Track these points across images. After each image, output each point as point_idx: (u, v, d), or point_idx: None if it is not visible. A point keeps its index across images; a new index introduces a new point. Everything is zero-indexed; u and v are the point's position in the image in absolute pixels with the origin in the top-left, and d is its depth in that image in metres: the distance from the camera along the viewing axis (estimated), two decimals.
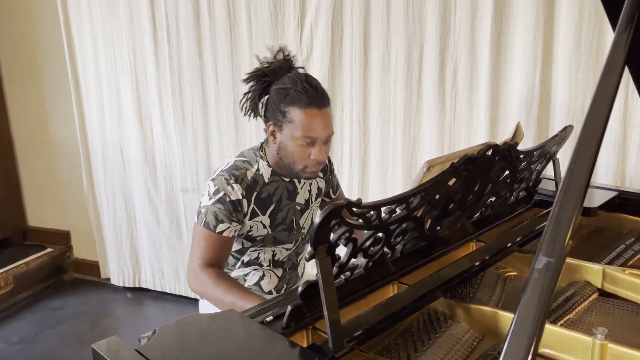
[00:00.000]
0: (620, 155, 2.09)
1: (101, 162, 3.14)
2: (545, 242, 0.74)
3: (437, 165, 1.32)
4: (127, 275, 3.25)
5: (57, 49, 3.13)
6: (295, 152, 1.47)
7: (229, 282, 1.49)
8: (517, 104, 2.21)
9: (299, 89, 1.42)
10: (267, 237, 1.59)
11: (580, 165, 0.79)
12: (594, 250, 1.48)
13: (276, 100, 1.46)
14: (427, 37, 2.29)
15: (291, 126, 1.44)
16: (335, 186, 1.81)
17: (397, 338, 1.08)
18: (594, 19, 2.02)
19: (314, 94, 1.43)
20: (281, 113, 1.44)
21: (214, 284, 1.46)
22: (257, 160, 1.56)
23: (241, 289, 1.47)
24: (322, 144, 1.47)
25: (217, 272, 1.49)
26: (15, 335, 2.85)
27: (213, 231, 1.49)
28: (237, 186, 1.48)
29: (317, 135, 1.44)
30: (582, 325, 1.12)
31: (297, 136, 1.44)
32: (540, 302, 0.68)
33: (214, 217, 1.48)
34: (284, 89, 1.45)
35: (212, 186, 1.50)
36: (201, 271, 1.50)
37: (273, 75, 1.50)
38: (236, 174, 1.50)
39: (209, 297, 1.50)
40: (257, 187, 1.53)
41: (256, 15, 2.56)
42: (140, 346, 0.94)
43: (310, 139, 1.44)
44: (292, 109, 1.43)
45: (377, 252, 1.13)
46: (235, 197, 1.48)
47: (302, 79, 1.45)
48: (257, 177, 1.53)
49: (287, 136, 1.46)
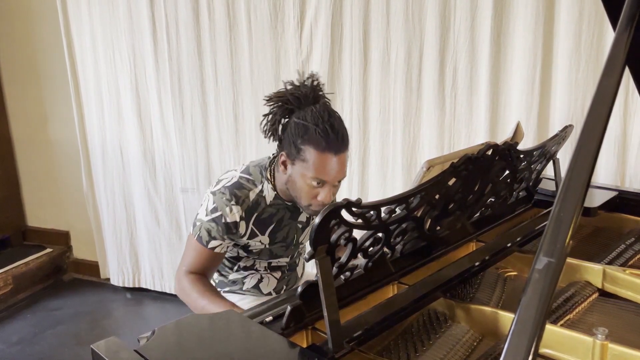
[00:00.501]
0: (620, 155, 2.09)
1: (101, 162, 3.14)
2: (546, 242, 0.73)
3: (437, 165, 1.32)
4: (126, 275, 3.25)
5: (56, 49, 3.13)
6: (303, 190, 1.42)
7: (204, 286, 1.48)
8: (517, 104, 2.21)
9: (319, 129, 1.34)
10: (263, 250, 1.58)
11: (580, 165, 0.79)
12: (594, 250, 1.48)
13: (294, 134, 1.38)
14: (427, 37, 2.29)
15: (304, 165, 1.38)
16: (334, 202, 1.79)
17: (397, 338, 1.08)
18: (594, 18, 2.02)
19: (333, 138, 1.35)
20: (296, 149, 1.38)
21: (190, 288, 1.46)
22: (262, 182, 1.51)
23: (214, 295, 1.46)
24: (332, 187, 1.42)
25: (196, 277, 1.49)
26: (15, 335, 2.85)
27: (205, 246, 1.48)
28: (237, 208, 1.45)
29: (328, 180, 1.39)
30: (582, 326, 1.12)
31: (308, 176, 1.38)
32: (541, 303, 0.68)
33: (207, 233, 1.48)
34: (304, 125, 1.37)
35: (212, 202, 1.47)
36: (184, 276, 1.50)
37: (297, 102, 1.42)
38: (238, 194, 1.47)
39: (187, 302, 1.49)
40: (258, 208, 1.50)
41: (256, 15, 2.55)
42: (139, 347, 0.94)
43: (320, 181, 1.39)
44: (308, 149, 1.36)
45: (376, 252, 1.13)
46: (232, 219, 1.46)
47: (324, 119, 1.36)
48: (259, 198, 1.50)
49: (298, 173, 1.40)
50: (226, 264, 1.65)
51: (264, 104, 1.47)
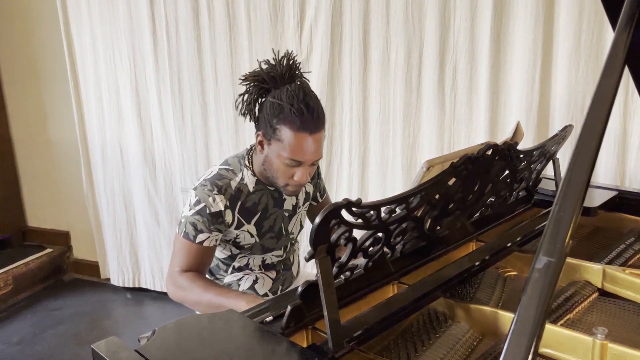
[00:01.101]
0: (620, 154, 2.09)
1: (101, 162, 3.14)
2: (546, 242, 0.73)
3: (437, 165, 1.32)
4: (126, 275, 3.25)
5: (56, 49, 3.13)
6: (280, 170, 1.43)
7: (206, 281, 1.47)
8: (517, 104, 2.21)
9: (294, 109, 1.35)
10: (255, 245, 1.57)
11: (580, 164, 0.79)
12: (594, 249, 1.48)
13: (269, 114, 1.39)
14: (427, 37, 2.29)
15: (279, 145, 1.39)
16: (322, 190, 1.78)
17: (397, 338, 1.08)
18: (593, 18, 2.02)
19: (308, 117, 1.36)
20: (272, 128, 1.39)
21: (190, 286, 1.44)
22: (242, 169, 1.53)
23: (218, 286, 1.46)
24: (308, 167, 1.43)
25: (193, 274, 1.48)
26: (15, 335, 2.85)
27: (193, 241, 1.47)
28: (220, 197, 1.46)
29: (304, 160, 1.40)
30: (582, 325, 1.12)
31: (284, 156, 1.39)
32: (541, 302, 0.68)
33: (192, 227, 1.46)
34: (279, 105, 1.37)
35: (194, 196, 1.47)
36: (179, 275, 1.48)
37: (272, 82, 1.43)
38: (219, 184, 1.47)
39: (188, 300, 1.48)
40: (241, 196, 1.50)
41: (255, 15, 2.55)
42: (139, 346, 0.94)
43: (296, 162, 1.40)
44: (283, 128, 1.37)
45: (376, 252, 1.13)
46: (216, 208, 1.45)
47: (299, 98, 1.37)
48: (241, 186, 1.51)
49: (274, 152, 1.41)
50: (220, 267, 1.64)
51: (239, 83, 1.48)
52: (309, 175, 1.45)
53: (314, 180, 1.72)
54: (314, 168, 1.48)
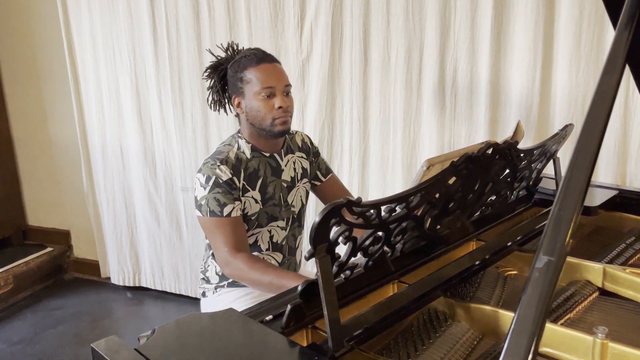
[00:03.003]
0: (620, 153, 2.09)
1: (101, 161, 3.14)
2: (546, 241, 0.73)
3: (437, 164, 1.31)
4: (127, 274, 3.25)
5: (56, 48, 3.13)
6: (261, 108, 1.57)
7: (262, 263, 1.52)
8: (517, 103, 2.21)
9: (247, 54, 1.60)
10: (260, 213, 1.62)
11: (581, 163, 0.79)
12: (594, 249, 1.47)
13: (232, 74, 1.61)
14: (427, 37, 2.28)
15: (250, 86, 1.57)
16: (325, 170, 1.84)
17: (397, 337, 1.08)
18: (594, 17, 2.02)
19: (261, 53, 1.60)
20: (239, 80, 1.59)
21: (249, 268, 1.48)
22: (237, 140, 1.65)
23: (276, 268, 1.53)
24: (283, 95, 1.57)
25: (248, 256, 1.52)
26: (15, 335, 2.85)
27: (221, 216, 1.52)
28: (224, 167, 1.55)
29: (275, 85, 1.56)
30: (582, 325, 1.11)
31: (257, 90, 1.56)
32: (541, 301, 0.67)
33: (216, 203, 1.52)
34: (236, 62, 1.61)
35: (202, 176, 1.55)
36: (232, 258, 1.51)
37: (226, 62, 1.66)
38: (220, 157, 1.57)
39: (247, 281, 1.53)
40: (241, 164, 1.60)
41: (256, 15, 2.55)
42: (139, 345, 0.93)
43: (269, 89, 1.55)
44: (247, 71, 1.57)
45: (377, 251, 1.13)
46: (226, 177, 1.54)
47: (248, 49, 1.64)
48: (239, 155, 1.61)
49: (250, 97, 1.57)
50: None
51: (204, 79, 1.72)
52: (290, 105, 1.60)
53: (310, 157, 1.80)
54: (290, 99, 1.61)
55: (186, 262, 3.07)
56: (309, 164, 1.79)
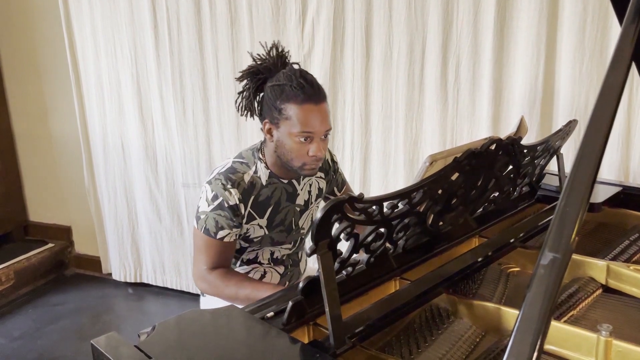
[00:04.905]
0: (624, 150, 2.08)
1: (102, 157, 3.14)
2: (551, 238, 0.72)
3: (440, 160, 1.31)
4: (128, 270, 3.25)
5: (57, 43, 3.12)
6: (294, 150, 1.44)
7: (238, 277, 1.50)
8: (521, 99, 2.19)
9: (294, 85, 1.39)
10: (264, 237, 1.57)
11: (586, 159, 0.78)
12: (597, 246, 1.47)
13: (271, 98, 1.43)
14: (430, 32, 2.27)
15: (288, 123, 1.41)
16: (341, 184, 1.78)
17: (399, 334, 1.07)
18: (598, 13, 2.00)
19: (309, 89, 1.40)
20: (277, 110, 1.42)
21: (224, 284, 1.47)
22: (255, 162, 1.54)
23: (252, 281, 1.49)
24: (320, 140, 1.44)
25: (223, 272, 1.50)
26: (16, 330, 2.85)
27: (214, 237, 1.48)
28: (234, 191, 1.47)
29: (315, 131, 1.41)
30: (586, 322, 1.11)
31: (294, 132, 1.41)
32: (546, 299, 0.67)
33: (214, 223, 1.48)
34: (278, 86, 1.42)
35: (210, 191, 1.49)
36: (208, 274, 1.50)
37: (267, 72, 1.48)
38: (233, 178, 1.48)
39: (222, 296, 1.50)
40: (254, 190, 1.51)
41: (257, 10, 2.54)
42: (139, 342, 0.93)
43: (307, 134, 1.41)
44: (288, 106, 1.40)
45: (379, 247, 1.12)
46: (233, 202, 1.47)
47: (297, 75, 1.42)
48: (254, 180, 1.51)
49: (284, 133, 1.43)
50: None
51: (237, 82, 1.53)
52: (324, 149, 1.46)
53: (328, 176, 1.72)
54: (326, 143, 1.49)
55: (187, 258, 3.07)
56: (326, 183, 1.71)
